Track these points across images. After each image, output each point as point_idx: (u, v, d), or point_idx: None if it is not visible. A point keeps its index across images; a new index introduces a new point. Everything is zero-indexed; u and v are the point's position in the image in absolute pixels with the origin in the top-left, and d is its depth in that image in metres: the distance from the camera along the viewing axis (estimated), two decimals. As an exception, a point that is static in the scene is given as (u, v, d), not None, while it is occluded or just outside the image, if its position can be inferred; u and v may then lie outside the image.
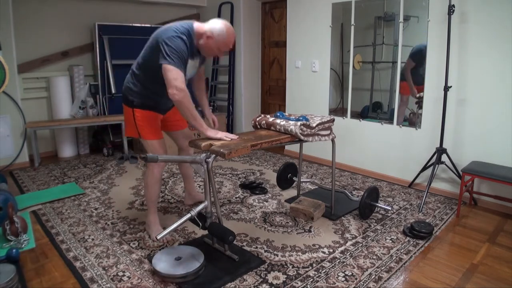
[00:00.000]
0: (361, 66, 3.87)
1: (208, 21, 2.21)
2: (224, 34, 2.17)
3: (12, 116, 4.04)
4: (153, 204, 2.47)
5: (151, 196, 2.44)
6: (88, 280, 1.97)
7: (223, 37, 2.18)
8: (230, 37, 2.21)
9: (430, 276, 2.05)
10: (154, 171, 2.37)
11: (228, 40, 2.20)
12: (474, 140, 3.06)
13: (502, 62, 2.82)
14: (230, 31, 2.21)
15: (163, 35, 2.11)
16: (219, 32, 2.16)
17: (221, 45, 2.20)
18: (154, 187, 2.41)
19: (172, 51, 2.07)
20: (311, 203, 2.76)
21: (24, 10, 4.20)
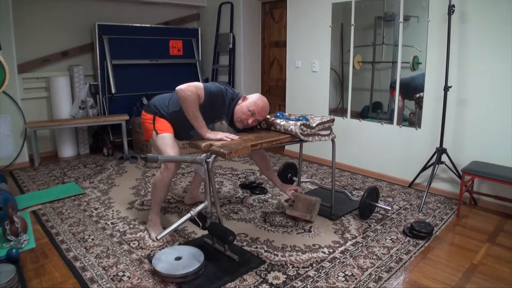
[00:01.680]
0: (361, 66, 3.87)
1: None
2: (258, 97, 2.39)
3: (12, 116, 4.04)
4: (157, 205, 2.48)
5: (156, 197, 2.45)
6: (88, 280, 1.97)
7: (253, 99, 2.37)
8: (260, 100, 2.36)
9: (430, 276, 2.05)
10: (164, 175, 2.37)
11: (257, 102, 2.35)
12: (474, 140, 3.06)
13: (502, 62, 2.82)
14: (263, 98, 2.39)
15: (220, 84, 2.40)
16: (252, 96, 2.41)
17: (249, 105, 2.34)
18: (162, 190, 2.42)
19: (212, 86, 2.31)
20: (305, 205, 2.64)
21: (24, 10, 4.20)
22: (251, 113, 2.33)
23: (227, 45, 5.19)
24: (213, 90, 2.30)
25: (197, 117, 2.25)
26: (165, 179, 2.39)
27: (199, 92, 2.23)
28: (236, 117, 2.39)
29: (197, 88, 2.22)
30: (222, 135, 2.26)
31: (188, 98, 2.20)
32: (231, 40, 5.12)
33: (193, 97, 2.21)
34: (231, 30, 5.14)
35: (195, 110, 2.24)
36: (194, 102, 2.22)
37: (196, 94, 2.21)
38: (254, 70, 5.31)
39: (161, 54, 5.05)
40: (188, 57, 5.36)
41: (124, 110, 4.63)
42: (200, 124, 2.27)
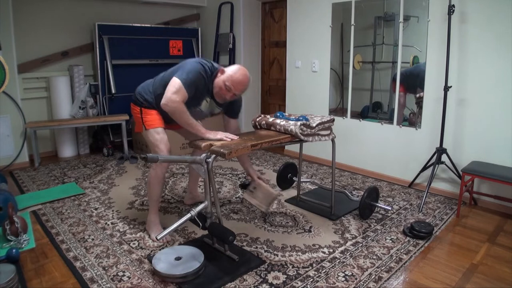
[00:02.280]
0: (361, 66, 3.87)
1: None
2: (235, 70, 2.24)
3: (12, 116, 4.04)
4: (155, 203, 2.46)
5: (152, 195, 2.44)
6: (88, 280, 1.97)
7: (230, 72, 2.23)
8: (238, 73, 2.22)
9: (430, 276, 2.05)
10: (157, 171, 2.37)
11: (234, 75, 2.21)
12: (474, 140, 3.06)
13: (502, 62, 2.82)
14: (242, 70, 2.25)
15: (191, 60, 2.28)
16: (230, 67, 2.26)
17: (227, 79, 2.21)
18: (157, 186, 2.41)
19: (189, 72, 2.17)
20: (265, 196, 2.54)
21: (24, 10, 4.20)
22: (227, 88, 2.22)
23: (227, 45, 5.19)
24: (192, 79, 2.19)
25: (191, 124, 2.23)
26: (158, 175, 2.37)
27: (182, 96, 2.15)
28: (214, 91, 2.30)
29: (178, 94, 2.14)
30: (222, 135, 2.25)
31: (176, 110, 2.16)
32: (231, 40, 5.12)
33: (180, 108, 2.16)
34: (231, 30, 5.14)
35: (187, 118, 2.21)
36: (183, 111, 2.18)
37: (181, 102, 2.15)
38: (254, 70, 5.31)
39: (161, 54, 5.04)
40: (188, 57, 5.27)
41: (124, 110, 4.62)
42: (196, 128, 2.24)
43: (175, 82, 2.16)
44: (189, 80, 2.16)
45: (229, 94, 2.24)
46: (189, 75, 2.17)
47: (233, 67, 2.27)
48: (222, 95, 2.26)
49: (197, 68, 2.21)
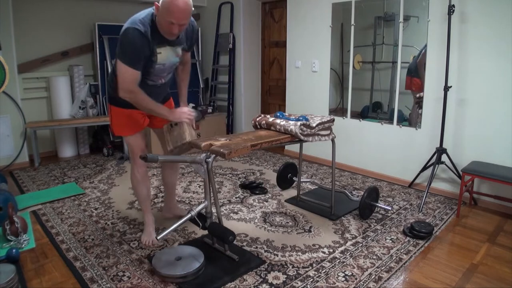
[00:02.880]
0: (361, 66, 3.87)
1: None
2: (168, 1, 1.86)
3: (12, 116, 4.04)
4: (144, 204, 2.40)
5: (138, 196, 2.40)
6: (88, 280, 1.97)
7: (167, 3, 1.85)
8: (175, 1, 1.84)
9: (430, 276, 2.05)
10: (135, 172, 2.30)
11: (172, 5, 1.83)
12: (474, 140, 3.06)
13: (502, 62, 2.82)
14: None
15: (125, 26, 1.94)
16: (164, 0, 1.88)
17: (165, 13, 1.86)
18: (139, 187, 2.34)
19: (125, 46, 1.91)
20: (177, 137, 2.25)
21: (24, 10, 4.20)
22: (171, 23, 1.90)
23: (227, 45, 5.19)
24: (133, 51, 1.91)
25: (153, 108, 2.08)
26: (136, 175, 2.30)
27: (132, 80, 1.94)
28: (162, 33, 1.98)
29: (128, 81, 1.94)
30: (185, 114, 2.15)
31: (132, 100, 2.02)
32: (231, 40, 5.12)
33: (137, 96, 1.99)
34: (231, 30, 5.14)
35: (146, 103, 2.04)
36: (140, 98, 2.01)
37: (134, 88, 1.97)
38: (254, 70, 5.31)
39: (161, 54, 5.04)
40: (188, 57, 5.36)
41: (124, 110, 4.63)
42: (160, 112, 2.12)
43: (120, 68, 1.94)
44: (129, 56, 1.91)
45: (175, 28, 1.92)
46: (127, 50, 1.91)
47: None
48: (169, 33, 1.96)
49: (130, 36, 1.89)
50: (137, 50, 1.91)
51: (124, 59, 1.91)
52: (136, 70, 1.94)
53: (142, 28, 1.90)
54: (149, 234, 2.37)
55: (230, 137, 2.28)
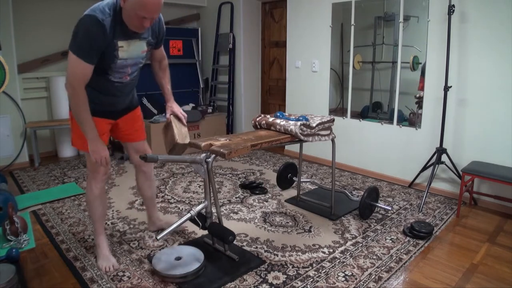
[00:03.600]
0: (361, 66, 3.87)
1: None
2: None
3: (12, 116, 4.04)
4: (98, 224, 2.12)
5: (93, 214, 2.11)
6: (88, 280, 1.97)
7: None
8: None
9: (430, 276, 2.05)
10: (92, 187, 2.04)
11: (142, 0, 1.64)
12: (474, 140, 3.06)
13: (502, 62, 2.82)
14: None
15: (83, 15, 1.70)
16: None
17: (136, 7, 1.66)
18: (94, 203, 2.07)
19: (77, 35, 1.67)
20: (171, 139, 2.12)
21: (24, 10, 4.20)
22: (141, 17, 1.70)
23: (227, 45, 5.19)
24: (87, 42, 1.67)
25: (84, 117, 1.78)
26: (93, 190, 2.04)
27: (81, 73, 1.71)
28: (130, 26, 1.77)
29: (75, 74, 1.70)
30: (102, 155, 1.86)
31: (72, 97, 1.75)
32: (231, 40, 5.12)
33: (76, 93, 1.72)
34: (231, 30, 5.14)
35: (83, 109, 1.77)
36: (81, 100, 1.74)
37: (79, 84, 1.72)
38: (254, 70, 5.31)
39: (161, 54, 5.04)
40: (188, 57, 5.36)
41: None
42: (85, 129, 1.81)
43: (70, 59, 1.70)
44: (81, 46, 1.67)
45: (147, 22, 1.74)
46: (79, 40, 1.67)
47: None
48: (139, 27, 1.77)
49: (85, 24, 1.67)
50: (91, 39, 1.67)
51: (75, 50, 1.68)
52: (88, 63, 1.70)
53: (100, 16, 1.67)
54: (107, 258, 2.09)
55: (230, 137, 2.29)
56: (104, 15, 1.69)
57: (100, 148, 1.86)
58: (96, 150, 1.84)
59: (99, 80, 1.84)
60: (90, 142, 1.83)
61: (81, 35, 1.67)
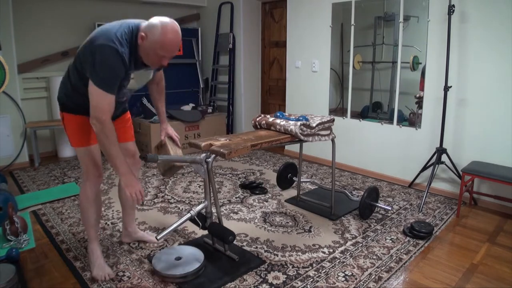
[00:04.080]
0: (361, 66, 3.87)
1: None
2: (159, 31, 1.67)
3: (12, 116, 4.04)
4: (92, 230, 2.04)
5: (87, 220, 2.02)
6: (88, 280, 1.97)
7: (158, 36, 1.67)
8: (168, 34, 1.67)
9: (430, 276, 2.05)
10: (87, 191, 1.97)
11: (165, 40, 1.67)
12: (474, 140, 3.06)
13: (502, 62, 2.82)
14: (168, 27, 1.69)
15: (98, 39, 1.67)
16: (151, 28, 1.68)
17: (156, 46, 1.69)
18: (90, 210, 2.00)
19: (102, 68, 1.65)
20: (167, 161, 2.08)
21: (24, 10, 4.20)
22: (162, 56, 1.74)
23: (227, 45, 5.19)
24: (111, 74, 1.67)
25: (113, 155, 1.74)
26: (88, 194, 1.96)
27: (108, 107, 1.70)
28: (145, 61, 1.79)
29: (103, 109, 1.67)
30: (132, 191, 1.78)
31: (99, 132, 1.70)
32: (231, 40, 5.12)
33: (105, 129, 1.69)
34: (231, 30, 5.14)
35: (109, 146, 1.72)
36: (109, 134, 1.71)
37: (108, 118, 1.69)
38: (254, 70, 5.31)
39: (161, 54, 5.04)
40: (188, 57, 5.36)
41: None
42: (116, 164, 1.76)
43: (93, 92, 1.67)
44: (105, 79, 1.67)
45: (166, 61, 1.76)
46: (103, 72, 1.66)
47: (155, 25, 1.69)
48: (156, 65, 1.80)
49: (107, 56, 1.65)
50: (114, 72, 1.68)
51: (99, 83, 1.65)
52: (112, 94, 1.70)
53: (120, 48, 1.65)
54: (101, 267, 2.01)
55: (230, 137, 2.29)
56: (123, 47, 1.68)
57: (134, 181, 1.80)
58: (129, 184, 1.78)
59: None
60: (122, 176, 1.79)
61: (104, 67, 1.65)
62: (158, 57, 1.73)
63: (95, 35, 1.71)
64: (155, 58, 1.74)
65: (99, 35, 1.69)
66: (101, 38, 1.66)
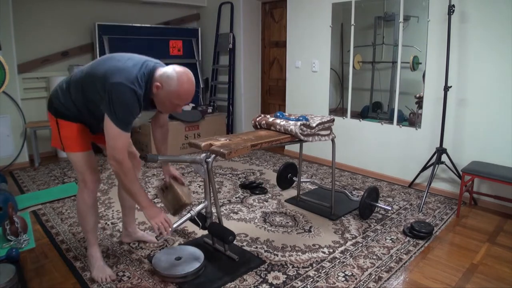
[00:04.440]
0: (361, 66, 3.87)
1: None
2: (175, 82, 1.70)
3: (12, 116, 4.04)
4: (91, 234, 2.02)
5: (86, 225, 2.00)
6: (88, 280, 1.97)
7: (174, 87, 1.71)
8: (183, 85, 1.71)
9: (430, 276, 2.05)
10: (85, 197, 1.94)
11: (181, 90, 1.71)
12: (474, 140, 3.06)
13: (502, 62, 2.82)
14: (184, 78, 1.72)
15: (113, 77, 1.66)
16: (167, 79, 1.71)
17: (172, 96, 1.73)
18: (88, 215, 1.98)
19: (120, 108, 1.66)
20: (174, 200, 2.13)
21: (24, 10, 4.20)
22: (177, 104, 1.79)
23: (227, 45, 5.19)
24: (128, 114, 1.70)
25: (134, 192, 1.79)
26: (86, 200, 1.94)
27: (125, 147, 1.72)
28: (158, 108, 1.87)
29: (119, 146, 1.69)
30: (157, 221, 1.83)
31: (118, 172, 1.74)
32: (231, 40, 5.13)
33: (123, 168, 1.72)
34: (231, 30, 5.14)
35: (130, 183, 1.76)
36: (128, 172, 1.74)
37: (124, 156, 1.71)
38: (254, 70, 5.31)
39: (161, 54, 5.05)
40: (188, 57, 5.36)
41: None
42: (138, 199, 1.81)
43: (110, 131, 1.69)
44: (124, 118, 1.69)
45: (179, 108, 1.83)
46: (122, 112, 1.68)
47: (171, 76, 1.72)
48: (171, 111, 1.88)
49: (127, 97, 1.67)
50: (132, 112, 1.71)
51: (116, 121, 1.67)
52: (128, 132, 1.73)
53: (139, 91, 1.68)
54: (102, 269, 2.00)
55: (230, 137, 2.29)
56: (141, 89, 1.71)
57: (157, 212, 1.85)
58: (154, 216, 1.83)
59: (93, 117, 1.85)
60: (145, 210, 1.83)
61: (122, 107, 1.67)
62: (173, 105, 1.78)
63: (111, 71, 1.69)
64: (170, 106, 1.79)
65: (116, 72, 1.68)
66: (120, 77, 1.67)
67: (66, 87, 1.86)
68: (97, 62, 1.82)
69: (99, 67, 1.76)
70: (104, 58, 1.83)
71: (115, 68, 1.70)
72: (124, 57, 1.78)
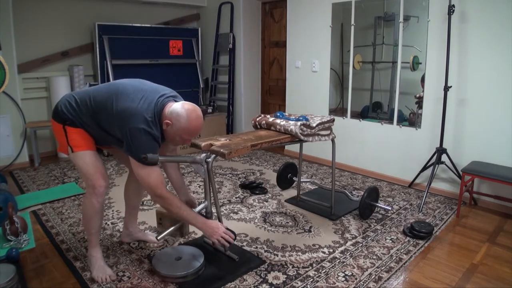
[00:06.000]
0: (361, 66, 3.87)
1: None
2: (185, 119, 1.76)
3: (12, 116, 4.04)
4: (94, 236, 2.04)
5: (91, 228, 2.01)
6: (88, 280, 1.97)
7: (184, 124, 1.77)
8: (192, 122, 1.77)
9: (430, 276, 2.05)
10: (93, 202, 1.93)
11: (190, 127, 1.78)
12: (474, 140, 3.06)
13: (502, 62, 2.82)
14: (193, 115, 1.78)
15: (131, 121, 1.73)
16: (177, 116, 1.77)
17: (182, 132, 1.80)
18: (94, 219, 1.98)
19: (142, 148, 1.74)
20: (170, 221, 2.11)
21: (24, 10, 4.20)
22: (186, 139, 1.86)
23: (227, 45, 5.19)
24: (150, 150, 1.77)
25: (186, 216, 1.89)
26: (94, 205, 1.94)
27: (159, 181, 1.81)
28: (168, 141, 1.94)
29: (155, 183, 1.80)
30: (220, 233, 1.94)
31: (163, 205, 1.88)
32: (231, 40, 5.13)
33: (167, 201, 1.83)
34: (231, 30, 5.14)
35: (179, 210, 1.86)
36: (174, 202, 1.86)
37: (163, 190, 1.82)
38: (254, 70, 5.31)
39: (161, 54, 5.05)
40: (188, 57, 5.36)
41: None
42: (193, 221, 1.90)
43: (141, 173, 1.79)
44: (148, 156, 1.76)
45: (189, 141, 1.91)
46: (145, 151, 1.75)
47: (180, 113, 1.77)
48: (180, 144, 1.95)
49: (146, 138, 1.76)
50: (153, 149, 1.79)
51: (142, 161, 1.76)
52: (156, 165, 1.82)
53: (156, 133, 1.78)
54: (102, 269, 2.02)
55: (230, 137, 2.29)
56: (158, 131, 1.80)
57: (214, 226, 1.95)
58: (212, 230, 1.93)
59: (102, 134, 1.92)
60: (203, 230, 1.93)
61: (143, 148, 1.75)
62: (183, 139, 1.86)
63: (128, 114, 1.75)
64: (180, 140, 1.87)
65: (134, 115, 1.74)
66: (138, 121, 1.73)
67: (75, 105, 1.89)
68: (107, 93, 1.85)
69: (111, 102, 1.80)
70: (116, 92, 1.84)
71: (131, 110, 1.75)
72: (138, 95, 1.81)
